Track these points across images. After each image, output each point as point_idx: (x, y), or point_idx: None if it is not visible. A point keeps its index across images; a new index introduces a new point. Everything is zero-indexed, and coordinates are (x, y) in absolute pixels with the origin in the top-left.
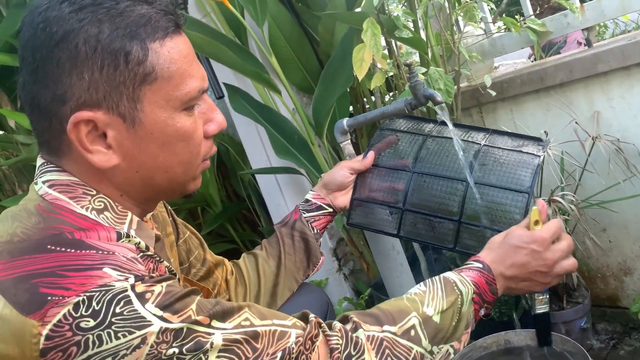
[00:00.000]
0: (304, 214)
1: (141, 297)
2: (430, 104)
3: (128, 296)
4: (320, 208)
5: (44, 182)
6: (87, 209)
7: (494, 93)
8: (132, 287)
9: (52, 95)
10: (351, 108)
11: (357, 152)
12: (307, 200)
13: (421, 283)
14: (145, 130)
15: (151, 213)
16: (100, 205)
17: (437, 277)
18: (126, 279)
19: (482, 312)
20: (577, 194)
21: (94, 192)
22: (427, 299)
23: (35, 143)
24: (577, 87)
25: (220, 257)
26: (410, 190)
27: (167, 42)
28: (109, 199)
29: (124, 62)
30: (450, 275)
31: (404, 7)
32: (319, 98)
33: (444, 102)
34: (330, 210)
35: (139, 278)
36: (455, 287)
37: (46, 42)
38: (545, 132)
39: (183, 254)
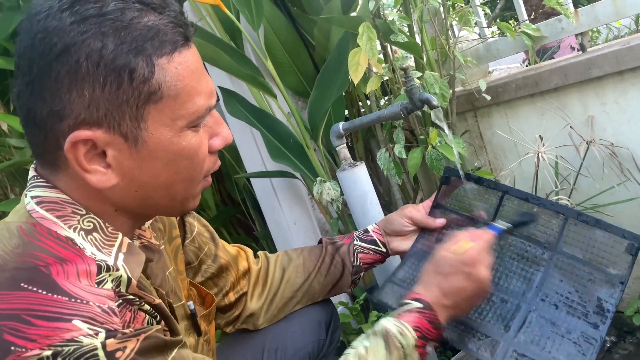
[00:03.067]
0: (356, 241)
1: (111, 356)
2: (426, 108)
3: (97, 355)
4: (374, 243)
5: (32, 198)
6: (74, 229)
7: (488, 97)
8: (103, 345)
9: (49, 111)
10: (347, 112)
11: (353, 157)
12: (366, 230)
13: (363, 337)
14: (149, 149)
15: (150, 221)
16: (89, 225)
17: (379, 330)
18: (96, 334)
19: (430, 348)
20: (572, 198)
21: (84, 212)
22: None
23: (26, 147)
24: (572, 92)
25: (237, 250)
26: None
27: (176, 57)
28: (98, 220)
29: (128, 79)
30: (390, 326)
31: (399, 12)
32: (315, 102)
33: (440, 106)
34: (384, 250)
35: (111, 334)
36: (397, 341)
37: (44, 54)
38: (540, 136)
39: (190, 254)
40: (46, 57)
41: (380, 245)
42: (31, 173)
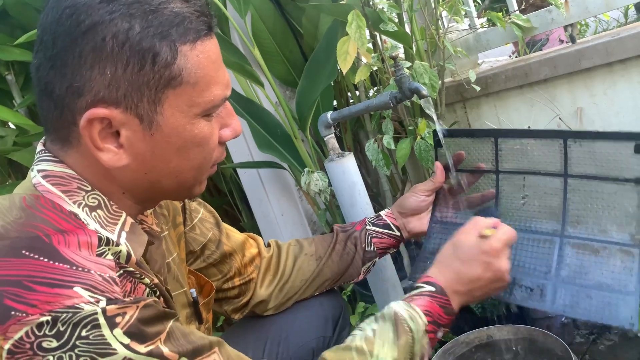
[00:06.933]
0: (369, 226)
1: (110, 321)
2: (415, 98)
3: (97, 319)
4: (387, 227)
5: (38, 171)
6: (79, 205)
7: (478, 88)
8: (103, 310)
9: (68, 86)
10: (335, 102)
11: (341, 147)
12: (379, 216)
13: (371, 320)
14: (162, 133)
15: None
16: (94, 202)
17: (387, 313)
18: (97, 302)
19: (440, 334)
20: None
21: (89, 188)
22: (377, 347)
23: (8, 135)
24: (561, 83)
25: (245, 237)
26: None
27: (198, 45)
28: (104, 197)
29: (151, 63)
30: (400, 309)
31: (389, 0)
32: (303, 91)
33: (429, 96)
34: (398, 234)
35: (112, 301)
36: (406, 325)
37: (71, 30)
38: (529, 127)
39: (190, 240)
40: (72, 33)
41: (394, 229)
42: (39, 147)
